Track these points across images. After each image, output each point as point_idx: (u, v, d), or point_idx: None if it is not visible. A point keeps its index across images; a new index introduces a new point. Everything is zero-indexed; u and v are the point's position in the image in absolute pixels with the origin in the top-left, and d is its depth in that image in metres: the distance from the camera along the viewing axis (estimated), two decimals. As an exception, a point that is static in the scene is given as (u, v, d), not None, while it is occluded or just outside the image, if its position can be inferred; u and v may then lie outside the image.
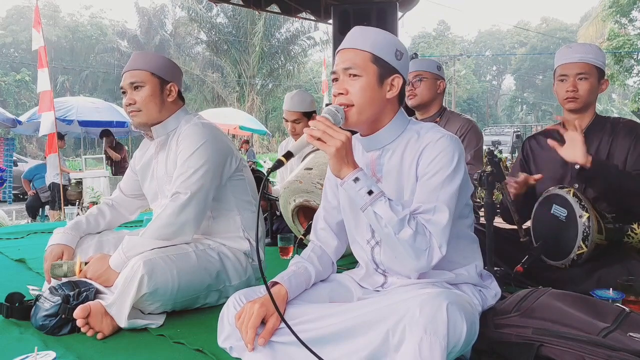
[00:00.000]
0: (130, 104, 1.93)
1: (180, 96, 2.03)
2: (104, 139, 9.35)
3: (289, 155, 1.32)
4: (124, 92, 1.96)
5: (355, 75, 1.41)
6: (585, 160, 1.98)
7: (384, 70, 1.42)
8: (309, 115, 3.21)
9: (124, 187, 2.21)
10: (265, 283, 1.33)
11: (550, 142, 2.09)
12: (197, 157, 1.87)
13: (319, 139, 1.30)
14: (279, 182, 3.69)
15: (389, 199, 1.33)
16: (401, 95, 1.47)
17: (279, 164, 1.33)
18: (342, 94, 1.41)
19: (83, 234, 2.06)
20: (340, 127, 1.34)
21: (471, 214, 1.55)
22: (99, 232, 2.10)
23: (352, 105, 1.40)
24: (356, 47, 1.43)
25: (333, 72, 1.47)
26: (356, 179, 1.32)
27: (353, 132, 1.41)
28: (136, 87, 1.93)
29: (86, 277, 1.81)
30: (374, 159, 1.49)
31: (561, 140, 2.21)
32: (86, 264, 1.84)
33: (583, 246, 1.95)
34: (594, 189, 2.10)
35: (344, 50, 1.45)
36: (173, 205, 1.83)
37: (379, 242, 1.49)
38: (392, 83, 1.44)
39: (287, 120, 3.28)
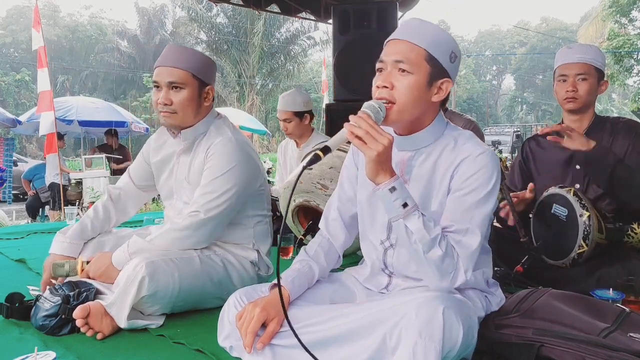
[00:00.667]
0: (165, 104, 1.83)
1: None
2: (107, 137, 9.34)
3: (326, 150, 1.22)
4: (157, 87, 1.85)
5: (405, 71, 1.32)
6: (588, 145, 1.99)
7: (436, 71, 1.34)
8: (300, 115, 3.25)
9: (135, 176, 2.13)
10: (281, 294, 1.28)
11: (550, 138, 2.09)
12: (225, 180, 1.82)
13: (359, 138, 1.21)
14: (279, 182, 3.70)
15: (422, 214, 1.26)
16: (445, 99, 1.42)
17: (315, 159, 1.21)
18: (386, 87, 1.32)
19: (87, 239, 2.02)
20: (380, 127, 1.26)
21: (489, 228, 1.49)
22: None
23: (394, 103, 1.32)
24: (412, 41, 1.33)
25: (380, 61, 1.36)
26: (392, 189, 1.24)
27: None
28: (175, 87, 1.83)
29: (88, 277, 1.81)
30: (405, 159, 1.43)
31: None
32: (88, 262, 1.84)
33: (584, 245, 1.95)
34: (594, 178, 2.09)
35: (398, 40, 1.35)
36: (191, 220, 1.80)
37: (394, 245, 1.45)
38: (441, 86, 1.36)
39: (280, 119, 3.34)
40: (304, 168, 1.26)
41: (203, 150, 1.90)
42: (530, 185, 2.21)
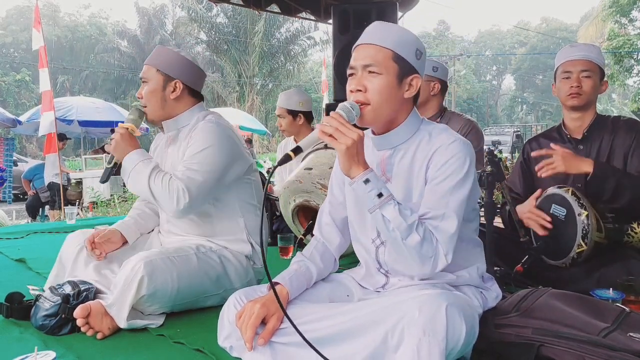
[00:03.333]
0: (139, 98, 1.98)
1: (193, 93, 2.01)
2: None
3: (297, 150, 1.31)
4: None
5: (375, 73, 1.38)
6: (584, 165, 1.99)
7: (404, 69, 1.40)
8: (294, 114, 3.31)
9: None
10: (271, 281, 1.32)
11: (546, 173, 2.06)
12: (205, 155, 1.85)
13: (330, 135, 1.28)
14: (279, 182, 3.70)
15: (398, 202, 1.31)
16: (416, 95, 1.45)
17: (286, 159, 1.29)
18: (360, 90, 1.38)
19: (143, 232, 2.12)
20: (354, 125, 1.32)
21: (477, 218, 1.53)
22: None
23: (369, 104, 1.38)
24: (377, 44, 1.39)
25: (351, 67, 1.42)
26: (366, 180, 1.30)
27: (362, 129, 1.38)
28: (144, 82, 1.97)
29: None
30: (384, 158, 1.47)
31: (560, 141, 2.22)
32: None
33: (583, 244, 1.95)
34: (598, 197, 2.06)
35: (364, 45, 1.42)
36: (170, 180, 1.81)
37: (384, 243, 1.48)
38: (411, 83, 1.42)
39: (276, 114, 3.46)
40: (274, 167, 1.37)
41: (185, 137, 1.96)
42: (538, 191, 2.18)
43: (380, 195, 1.29)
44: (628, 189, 1.99)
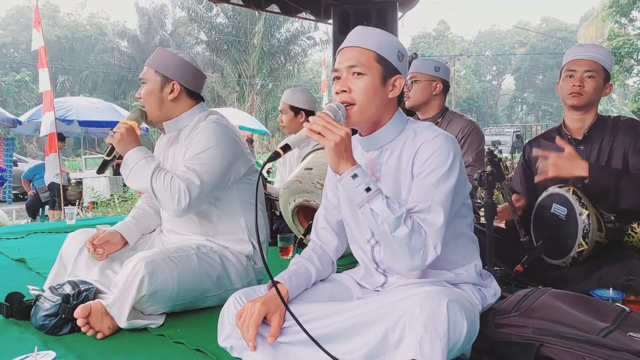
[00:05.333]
0: (138, 99, 1.99)
1: (192, 95, 2.01)
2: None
3: (286, 147, 1.34)
4: None
5: (359, 74, 1.41)
6: (584, 170, 1.97)
7: (388, 70, 1.43)
8: (296, 110, 3.33)
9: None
10: (271, 278, 1.33)
11: (538, 178, 2.08)
12: (207, 155, 1.85)
13: (318, 133, 1.31)
14: (278, 182, 3.70)
15: (386, 196, 1.33)
16: (400, 95, 1.48)
17: (275, 156, 1.33)
18: (345, 91, 1.41)
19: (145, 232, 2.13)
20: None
21: (470, 214, 1.54)
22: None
23: (354, 104, 1.40)
24: (361, 46, 1.43)
25: (335, 70, 1.46)
26: (354, 175, 1.32)
27: (353, 132, 1.41)
28: (143, 83, 1.98)
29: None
30: (372, 158, 1.49)
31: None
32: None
33: (583, 244, 1.95)
34: (598, 199, 2.05)
35: (347, 48, 1.45)
36: (172, 180, 1.79)
37: (379, 242, 1.48)
38: (395, 83, 1.45)
39: (279, 110, 3.47)
40: (264, 164, 1.41)
41: (186, 137, 1.96)
42: (514, 196, 2.22)
43: (368, 189, 1.31)
44: (629, 189, 1.98)
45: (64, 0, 70.15)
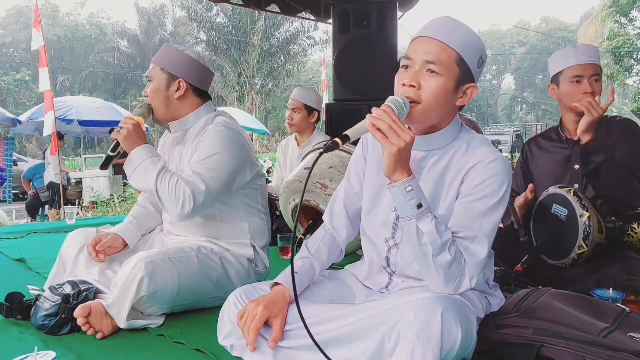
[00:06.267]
0: (145, 97, 1.96)
1: (199, 93, 1.98)
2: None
3: (345, 138, 1.19)
4: None
5: (435, 73, 1.28)
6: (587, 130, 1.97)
7: (464, 76, 1.31)
8: (310, 110, 3.32)
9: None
10: (294, 280, 1.25)
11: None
12: (215, 160, 1.82)
13: (381, 132, 1.19)
14: (277, 182, 3.70)
15: (435, 216, 1.24)
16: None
17: (334, 146, 1.18)
18: (414, 86, 1.28)
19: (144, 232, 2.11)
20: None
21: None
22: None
23: (419, 103, 1.29)
24: (444, 41, 1.29)
25: (407, 58, 1.31)
26: (409, 188, 1.22)
27: None
28: (149, 80, 1.96)
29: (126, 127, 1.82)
30: (417, 158, 1.39)
31: (559, 142, 2.23)
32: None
33: (584, 246, 1.95)
34: (587, 173, 2.08)
35: (429, 39, 1.30)
36: (177, 184, 1.76)
37: (399, 244, 1.43)
38: (466, 91, 1.34)
39: (288, 109, 3.40)
40: (321, 154, 1.20)
41: (193, 139, 1.93)
42: (531, 186, 2.20)
43: (419, 206, 1.22)
44: (611, 173, 1.98)
45: (64, 0, 70.13)
